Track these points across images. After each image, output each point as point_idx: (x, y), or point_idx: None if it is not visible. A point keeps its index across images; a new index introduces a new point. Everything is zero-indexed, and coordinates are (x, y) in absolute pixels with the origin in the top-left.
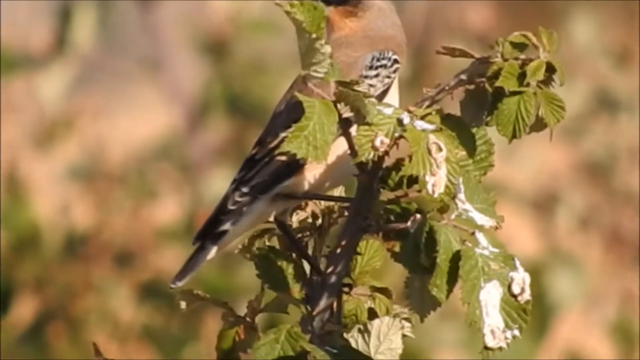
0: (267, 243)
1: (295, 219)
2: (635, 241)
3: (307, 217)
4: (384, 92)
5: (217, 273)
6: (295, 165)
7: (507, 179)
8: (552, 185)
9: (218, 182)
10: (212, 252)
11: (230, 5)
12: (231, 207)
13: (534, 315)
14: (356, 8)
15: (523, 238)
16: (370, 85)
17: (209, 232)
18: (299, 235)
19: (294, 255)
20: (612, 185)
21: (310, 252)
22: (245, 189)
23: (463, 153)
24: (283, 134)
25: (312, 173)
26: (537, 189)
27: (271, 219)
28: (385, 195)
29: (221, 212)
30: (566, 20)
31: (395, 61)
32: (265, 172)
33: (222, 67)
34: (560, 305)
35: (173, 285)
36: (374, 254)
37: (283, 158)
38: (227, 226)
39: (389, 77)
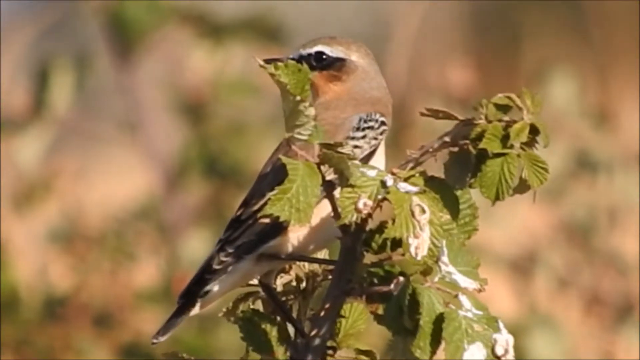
0: (252, 306)
1: (279, 282)
2: (615, 302)
3: (291, 281)
4: (371, 154)
5: (197, 335)
6: (279, 227)
7: (487, 240)
8: (531, 247)
9: (196, 244)
10: (196, 310)
11: (209, 66)
12: (216, 267)
13: None
14: (340, 72)
15: (502, 299)
16: (357, 147)
17: (193, 291)
18: (284, 298)
19: (278, 318)
20: (591, 246)
21: (294, 315)
22: (230, 249)
23: (447, 216)
24: (268, 195)
25: (295, 235)
26: (516, 250)
27: (256, 282)
28: (369, 258)
29: (206, 272)
30: (544, 82)
31: (383, 123)
32: (250, 233)
33: (200, 128)
34: None
35: (155, 341)
36: (358, 317)
37: (267, 219)
38: (211, 285)
39: (375, 138)
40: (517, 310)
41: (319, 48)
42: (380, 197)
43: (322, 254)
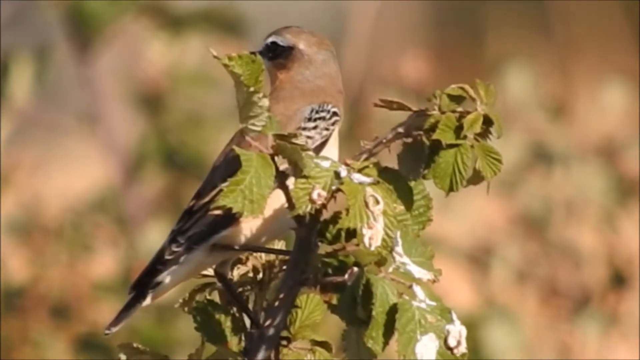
0: (208, 297)
1: (236, 273)
2: (572, 294)
3: (248, 271)
4: (323, 144)
5: (154, 326)
6: (231, 217)
7: (443, 232)
8: (488, 238)
9: (154, 235)
10: (147, 300)
11: (167, 58)
12: (168, 257)
13: None
14: (286, 60)
15: (459, 291)
16: (309, 138)
17: (145, 282)
18: (240, 289)
19: (233, 308)
20: (548, 238)
21: (251, 306)
22: (182, 240)
23: (401, 207)
24: (220, 186)
25: (248, 225)
26: (473, 242)
27: (212, 272)
28: (324, 248)
29: (158, 262)
30: (500, 74)
31: (335, 113)
32: (202, 223)
33: (158, 120)
34: (497, 357)
35: (107, 332)
36: (314, 308)
37: (220, 210)
38: (163, 276)
39: (327, 129)
40: (475, 302)
41: (272, 38)
42: (334, 188)
43: (279, 245)
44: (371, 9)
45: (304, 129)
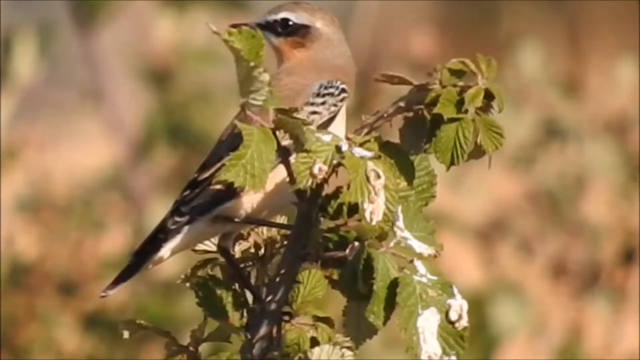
0: (210, 272)
1: (237, 249)
2: (580, 270)
3: (249, 247)
4: (330, 120)
5: (160, 303)
6: (234, 190)
7: (455, 209)
8: (499, 215)
9: (162, 212)
10: (147, 267)
11: (174, 34)
12: (170, 227)
13: (479, 344)
14: (304, 39)
15: (469, 267)
16: (316, 113)
17: (146, 250)
18: (242, 265)
19: (234, 284)
20: (560, 214)
21: (253, 281)
22: (185, 210)
23: (405, 184)
24: (223, 160)
25: (249, 198)
26: (484, 218)
27: (214, 248)
28: (326, 224)
29: (160, 231)
30: (512, 51)
31: (343, 90)
32: (206, 194)
33: (165, 96)
34: (505, 334)
35: (103, 294)
36: (316, 284)
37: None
38: (164, 245)
39: (335, 105)
40: (484, 279)
41: (284, 15)
42: (335, 162)
43: (281, 220)
44: None
45: (312, 104)
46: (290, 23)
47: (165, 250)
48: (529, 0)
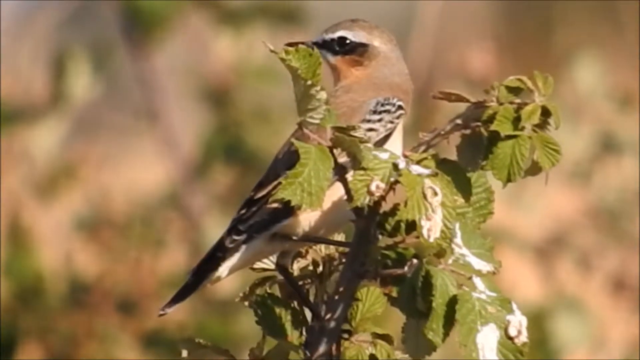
0: (268, 290)
1: (296, 267)
2: (638, 284)
3: (308, 265)
4: (387, 137)
5: (218, 321)
6: (291, 208)
7: (513, 225)
8: (558, 231)
9: (219, 230)
10: (205, 285)
11: (231, 53)
12: (229, 245)
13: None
14: (362, 57)
15: (529, 283)
16: (373, 130)
17: (204, 268)
18: (300, 282)
19: (292, 301)
20: (619, 229)
21: (311, 299)
22: (242, 228)
23: (461, 199)
24: (280, 178)
25: (307, 216)
26: (543, 234)
27: (273, 266)
28: (384, 241)
29: (218, 250)
30: (569, 65)
31: (400, 107)
32: (263, 212)
33: (222, 115)
34: (565, 349)
35: (162, 312)
36: (375, 301)
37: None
38: (223, 263)
39: (392, 122)
40: (544, 295)
41: (341, 33)
42: (392, 179)
43: (339, 237)
44: (439, 1)
45: (369, 121)
46: (348, 41)
47: (224, 269)
48: (586, 13)
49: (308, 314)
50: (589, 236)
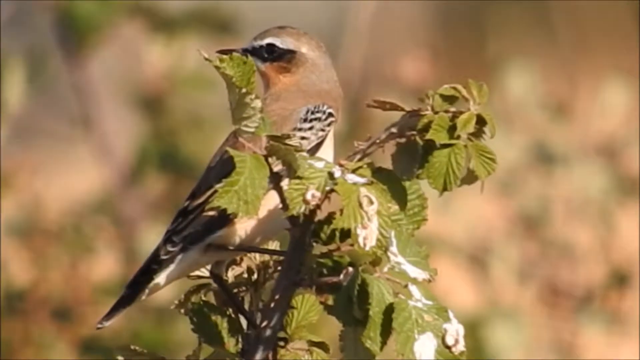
0: (203, 298)
1: (230, 274)
2: (573, 292)
3: (242, 272)
4: (318, 145)
5: (154, 328)
6: (226, 217)
7: (443, 232)
8: (488, 238)
9: (153, 237)
10: (141, 298)
11: (164, 60)
12: (163, 257)
13: None
14: (290, 64)
15: (461, 291)
16: (304, 138)
17: (140, 281)
18: (235, 290)
19: (229, 309)
20: (548, 237)
21: (246, 306)
22: (177, 239)
23: (395, 207)
24: (215, 187)
25: (242, 226)
26: (473, 241)
27: (207, 273)
28: (319, 249)
29: (153, 262)
30: (502, 74)
31: (330, 114)
32: (197, 223)
33: (156, 122)
34: (499, 357)
35: (100, 326)
36: (310, 309)
37: (214, 211)
38: (158, 275)
39: (323, 130)
40: (477, 302)
41: (269, 40)
42: (328, 188)
43: (274, 245)
44: (371, 8)
45: (300, 129)
46: (276, 48)
47: (159, 281)
48: (521, 22)
49: (244, 322)
50: (521, 244)
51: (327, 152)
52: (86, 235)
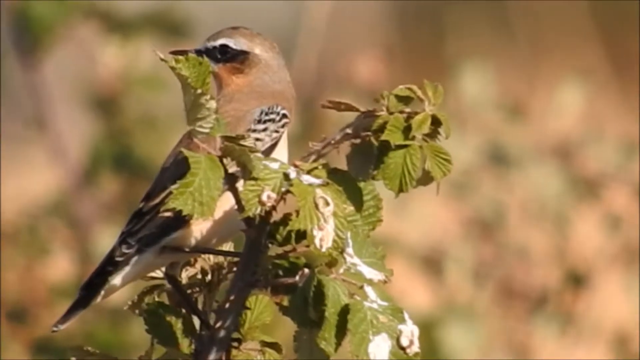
0: (157, 299)
1: (184, 275)
2: (527, 294)
3: (197, 273)
4: (272, 146)
5: (108, 329)
6: (181, 219)
7: (399, 234)
8: (444, 240)
9: (108, 238)
10: (97, 300)
11: (118, 61)
12: (118, 259)
13: None
14: (243, 65)
15: (416, 292)
16: (258, 139)
17: (95, 283)
18: (189, 291)
19: (183, 310)
20: (504, 239)
21: (200, 307)
22: (132, 241)
23: (351, 208)
24: (170, 188)
25: (198, 227)
26: (429, 243)
27: (161, 274)
28: (275, 250)
29: (108, 264)
30: (458, 74)
31: (284, 116)
32: (152, 225)
33: (110, 123)
34: (453, 357)
35: (55, 329)
36: (263, 310)
37: (169, 212)
38: (113, 277)
39: (277, 131)
40: (432, 303)
41: (222, 41)
42: (283, 189)
43: (228, 247)
44: (327, 8)
45: (254, 130)
46: (229, 49)
47: (114, 283)
48: (479, 23)
49: (197, 323)
50: (475, 246)
51: (281, 153)
52: (41, 236)
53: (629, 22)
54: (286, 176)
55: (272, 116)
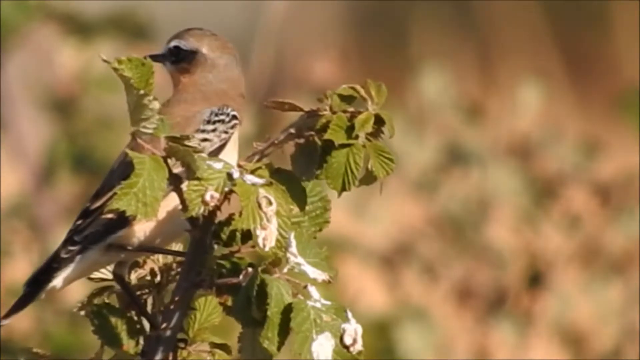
0: (107, 300)
1: (134, 277)
2: (486, 294)
3: (146, 275)
4: (221, 147)
5: (66, 330)
6: (126, 218)
7: (360, 235)
8: (403, 240)
9: None
10: (40, 296)
11: (77, 63)
12: (64, 256)
13: None
14: (190, 64)
15: (374, 292)
16: (207, 140)
17: (40, 279)
18: (138, 292)
19: (130, 311)
20: (464, 239)
21: (149, 308)
22: (78, 239)
23: (297, 210)
24: (115, 189)
25: (142, 227)
26: (388, 244)
27: (111, 276)
28: (221, 250)
29: (54, 261)
30: (417, 75)
31: (234, 117)
32: (98, 223)
33: (68, 124)
34: (409, 357)
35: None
36: (212, 311)
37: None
38: (58, 274)
39: (226, 132)
40: (389, 304)
41: (175, 42)
42: (227, 189)
43: (176, 247)
44: (284, 9)
45: (203, 131)
46: (181, 50)
47: (59, 280)
48: (438, 24)
49: (147, 324)
50: (434, 246)
51: (231, 154)
52: (1, 238)
53: (584, 24)
54: (229, 176)
55: (221, 117)
